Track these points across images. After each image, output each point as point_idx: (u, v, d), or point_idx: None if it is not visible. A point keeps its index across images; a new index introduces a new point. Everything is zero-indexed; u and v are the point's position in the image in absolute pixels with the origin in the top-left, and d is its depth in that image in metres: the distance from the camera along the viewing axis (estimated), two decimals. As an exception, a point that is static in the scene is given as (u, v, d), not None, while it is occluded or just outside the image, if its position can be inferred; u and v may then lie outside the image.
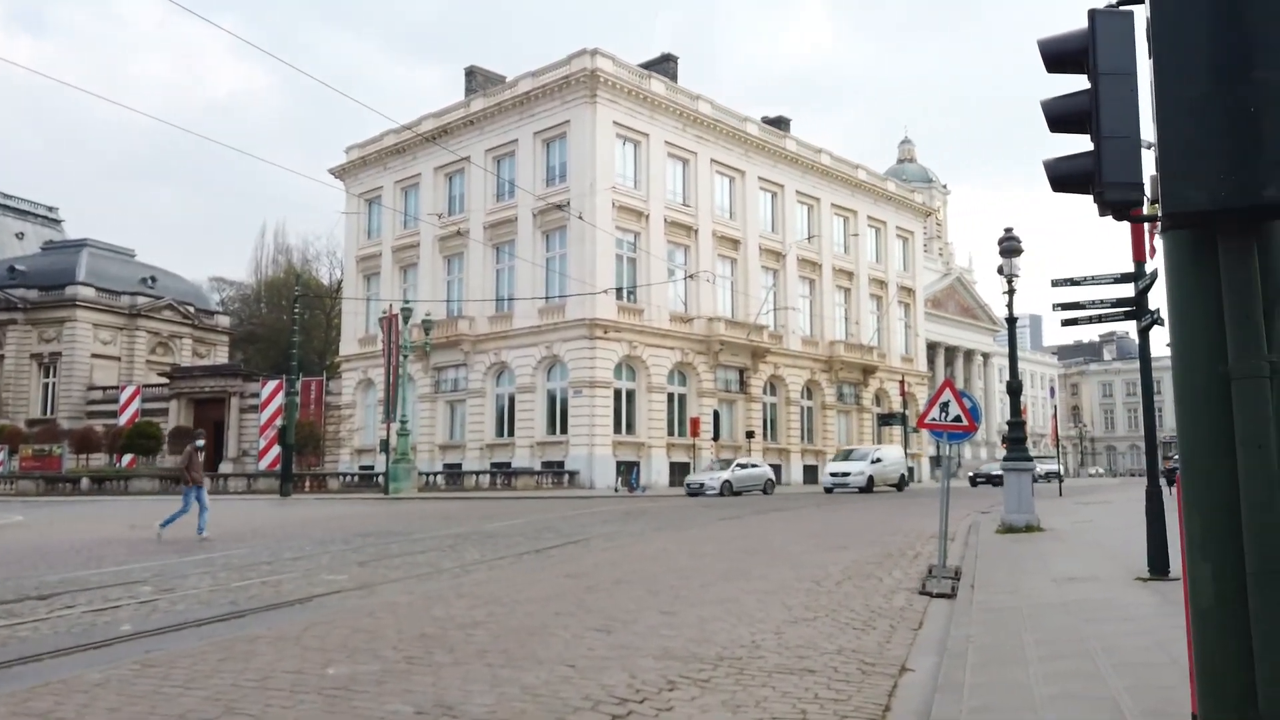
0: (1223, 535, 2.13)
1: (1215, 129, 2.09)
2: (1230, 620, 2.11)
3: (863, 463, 35.39)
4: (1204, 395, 2.17)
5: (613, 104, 38.35)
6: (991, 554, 11.49)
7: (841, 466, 35.53)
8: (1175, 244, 2.30)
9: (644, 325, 38.90)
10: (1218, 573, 2.17)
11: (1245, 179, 2.04)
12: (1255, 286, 2.09)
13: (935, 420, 9.12)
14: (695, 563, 10.91)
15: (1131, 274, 8.73)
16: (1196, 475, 2.25)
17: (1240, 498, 2.07)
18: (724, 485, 31.34)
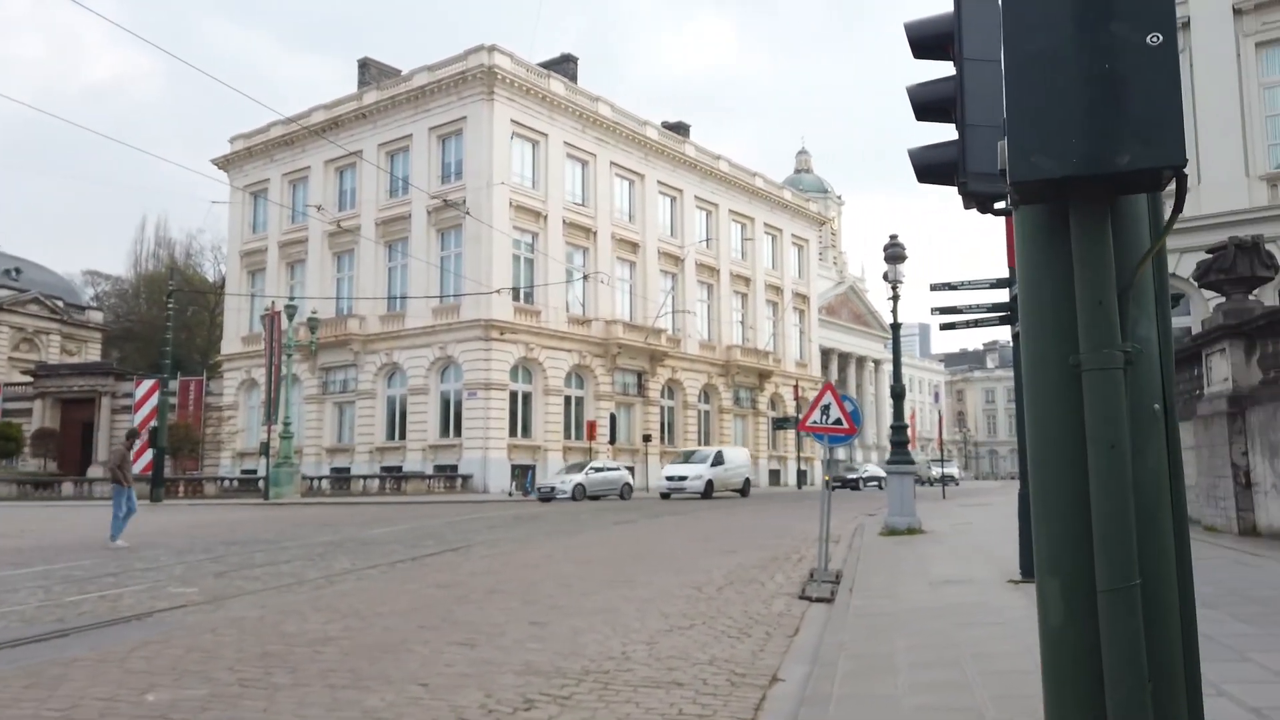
0: (1075, 547, 1.93)
1: (1066, 88, 1.87)
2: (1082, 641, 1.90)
3: (701, 465, 32.54)
4: (1055, 389, 1.95)
5: (511, 102, 37.74)
6: (873, 557, 11.53)
7: (678, 470, 32.86)
8: (1025, 221, 2.10)
9: (541, 327, 38.38)
10: (1068, 589, 1.95)
11: (1100, 145, 1.83)
12: (1108, 267, 1.87)
13: (817, 423, 9.05)
14: (578, 570, 10.59)
15: (1006, 279, 8.83)
16: (1046, 479, 2.04)
17: (1091, 505, 1.87)
18: (576, 489, 29.89)
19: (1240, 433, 11.33)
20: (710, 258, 49.14)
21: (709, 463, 32.70)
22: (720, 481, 32.88)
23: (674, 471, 32.66)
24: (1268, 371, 11.12)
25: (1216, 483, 11.80)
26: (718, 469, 32.86)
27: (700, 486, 31.19)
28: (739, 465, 35.10)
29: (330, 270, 42.77)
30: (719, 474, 32.82)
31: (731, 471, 34.09)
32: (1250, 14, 20.70)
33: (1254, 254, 11.67)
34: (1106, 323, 1.85)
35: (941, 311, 9.07)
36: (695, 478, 31.47)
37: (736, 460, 35.21)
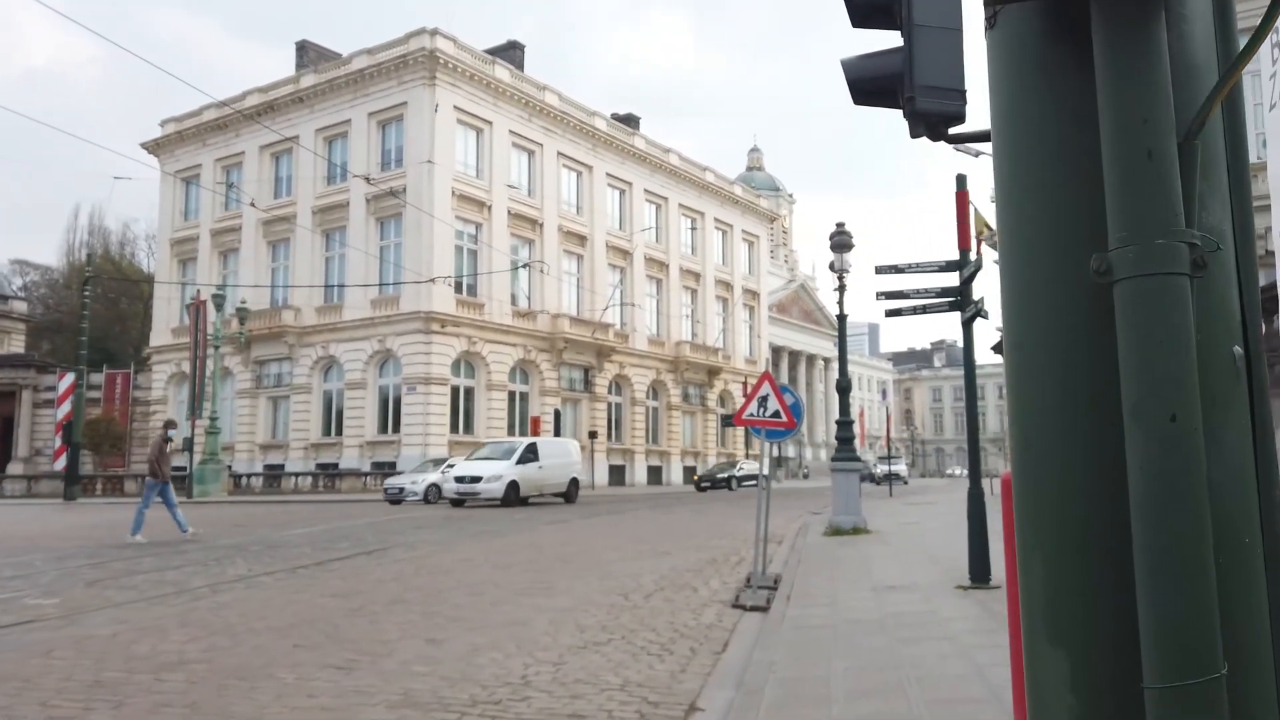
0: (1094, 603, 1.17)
1: None
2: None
3: (502, 463, 24.36)
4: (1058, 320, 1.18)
5: (453, 88, 36.59)
6: (815, 559, 10.88)
7: (472, 468, 24.50)
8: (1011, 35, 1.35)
9: (484, 320, 37.32)
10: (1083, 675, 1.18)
11: None
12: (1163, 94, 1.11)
13: (753, 415, 8.33)
14: (496, 575, 9.75)
15: (956, 262, 8.20)
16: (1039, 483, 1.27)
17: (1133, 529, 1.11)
18: (430, 490, 25.78)
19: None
20: (660, 252, 48.46)
21: (514, 458, 24.61)
22: (531, 483, 24.94)
23: (466, 470, 24.34)
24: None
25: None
26: (527, 467, 24.85)
27: (498, 490, 23.33)
28: (562, 461, 26.82)
29: (265, 260, 41.20)
30: (529, 473, 24.82)
31: (551, 470, 25.86)
32: None
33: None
34: (1160, 191, 1.07)
35: (887, 297, 8.42)
36: (492, 479, 23.50)
37: (558, 455, 26.93)
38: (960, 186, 8.15)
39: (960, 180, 8.19)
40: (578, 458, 28.28)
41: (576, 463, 27.84)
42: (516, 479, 24.04)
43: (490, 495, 23.35)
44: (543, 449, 26.24)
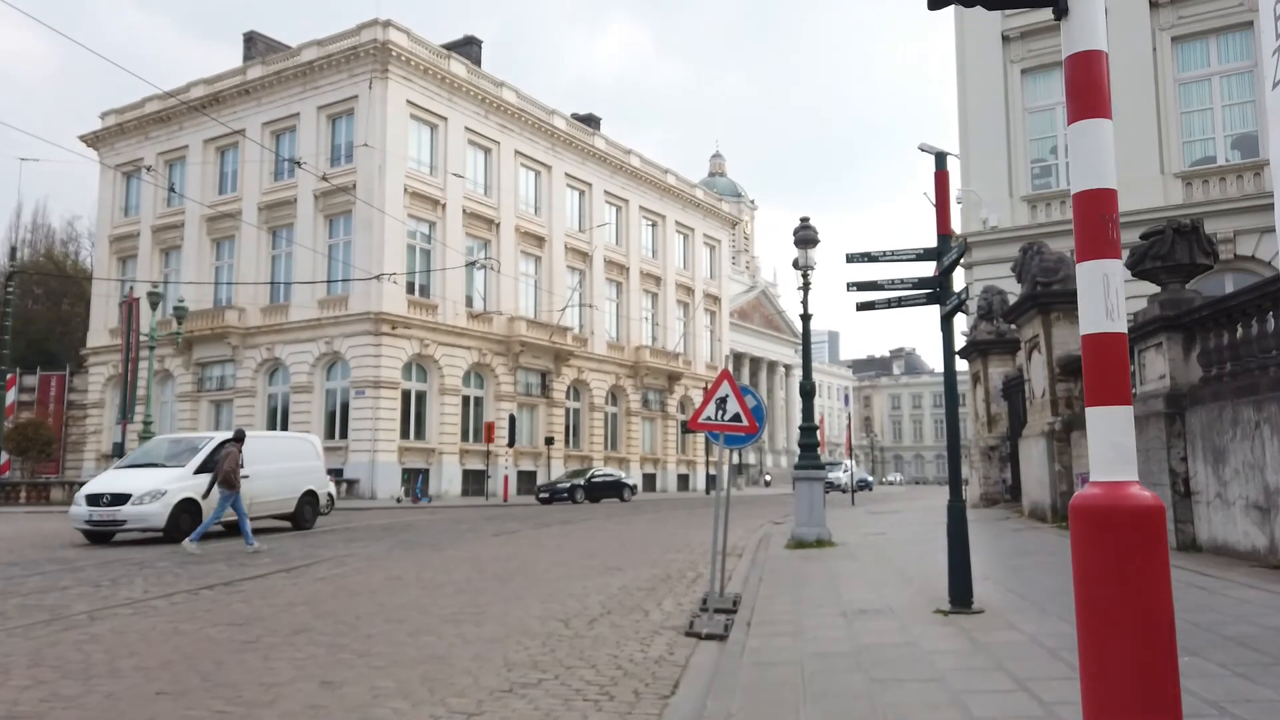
0: None
1: None
2: None
3: (171, 473, 15.52)
4: None
5: (407, 82, 35.42)
6: (777, 576, 10.01)
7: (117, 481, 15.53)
8: None
9: (437, 322, 36.13)
10: None
11: None
12: None
13: (710, 419, 7.43)
14: (423, 598, 8.73)
15: (934, 249, 7.38)
16: None
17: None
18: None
19: (1179, 436, 10.22)
20: (620, 255, 47.58)
21: (193, 464, 15.65)
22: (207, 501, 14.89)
23: (108, 485, 15.44)
24: (1209, 368, 10.02)
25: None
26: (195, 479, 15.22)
27: (158, 515, 14.79)
28: (288, 468, 17.86)
29: (208, 258, 39.64)
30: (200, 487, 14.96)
31: (268, 480, 16.79)
32: (1166, 7, 20.25)
33: (1193, 239, 10.59)
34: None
35: (859, 288, 7.58)
36: (148, 497, 14.82)
37: (280, 457, 17.96)
38: (940, 166, 7.34)
39: (939, 159, 7.38)
40: (318, 461, 19.13)
41: (315, 469, 18.80)
42: (194, 496, 15.00)
43: (145, 523, 14.79)
44: (256, 449, 16.35)
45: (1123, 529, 2.37)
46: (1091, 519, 2.54)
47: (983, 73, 22.41)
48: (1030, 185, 21.88)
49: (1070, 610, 7.00)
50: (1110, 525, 2.41)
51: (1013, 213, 21.70)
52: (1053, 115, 21.85)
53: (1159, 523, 2.51)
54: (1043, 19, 21.69)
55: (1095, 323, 2.68)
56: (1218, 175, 19.44)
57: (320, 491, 18.87)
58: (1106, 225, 2.74)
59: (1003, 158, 21.97)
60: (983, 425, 20.80)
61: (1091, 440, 2.73)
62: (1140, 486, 2.61)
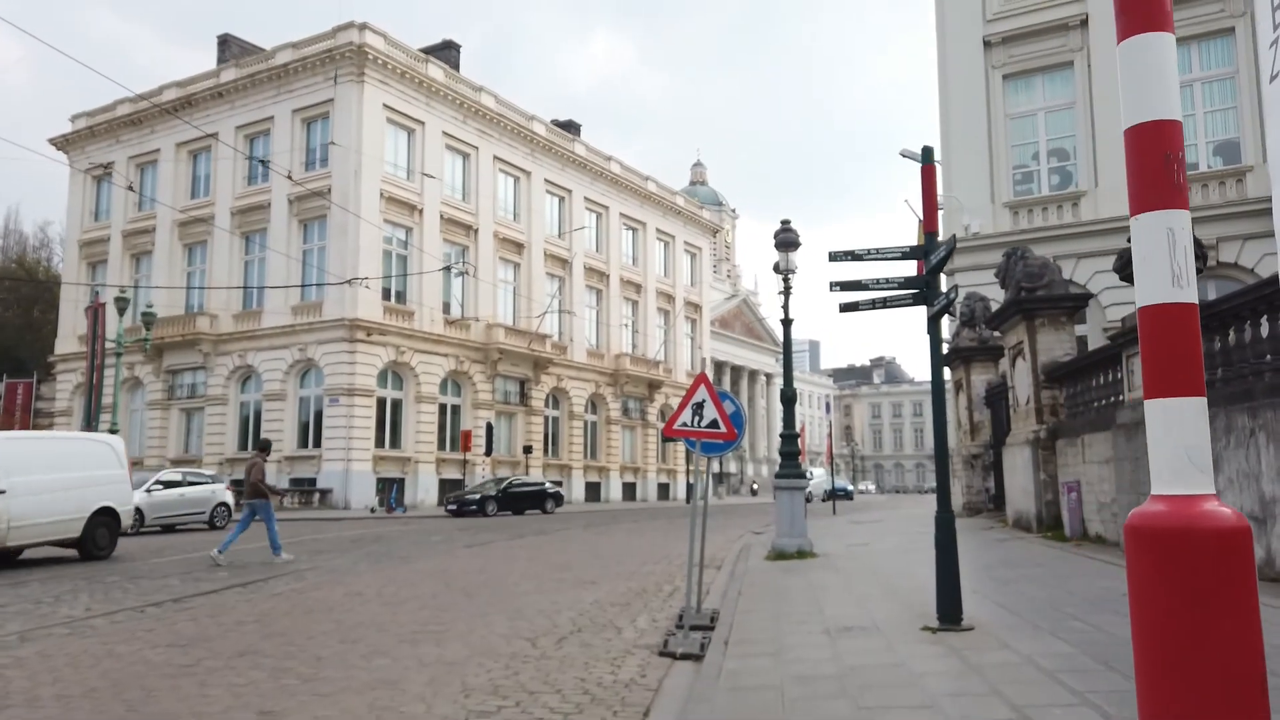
0: None
1: None
2: None
3: None
4: None
5: (384, 85, 34.92)
6: (757, 589, 9.62)
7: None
8: None
9: (414, 329, 35.55)
10: None
11: None
12: None
13: (686, 425, 7.04)
14: (383, 615, 8.27)
15: (920, 248, 7.03)
16: None
17: None
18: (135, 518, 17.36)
19: (1169, 443, 9.92)
20: (600, 262, 47.19)
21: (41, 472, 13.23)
22: None
23: None
24: (1200, 374, 9.74)
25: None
26: None
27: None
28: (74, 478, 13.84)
29: (179, 263, 38.88)
30: None
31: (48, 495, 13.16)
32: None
33: (1183, 241, 10.35)
34: None
35: (842, 288, 7.21)
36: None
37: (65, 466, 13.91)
38: (925, 160, 7.00)
39: (926, 153, 7.04)
40: (119, 470, 14.94)
41: (113, 480, 14.62)
42: None
43: None
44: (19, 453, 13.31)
45: (1199, 557, 1.88)
46: (1157, 545, 2.02)
47: (964, 78, 22.23)
48: (1012, 191, 21.69)
49: (1064, 627, 6.66)
50: (1182, 552, 1.91)
51: (995, 219, 21.49)
52: (1034, 121, 21.71)
53: (1245, 548, 2.01)
54: (1025, 25, 21.57)
55: (1157, 291, 2.17)
56: (1200, 182, 19.30)
57: (121, 509, 14.50)
58: (1169, 167, 2.20)
59: (984, 164, 21.77)
60: (965, 433, 20.53)
61: (1152, 442, 2.21)
62: (1218, 501, 2.09)
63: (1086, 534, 12.64)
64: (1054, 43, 21.30)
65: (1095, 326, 19.66)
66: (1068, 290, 15.20)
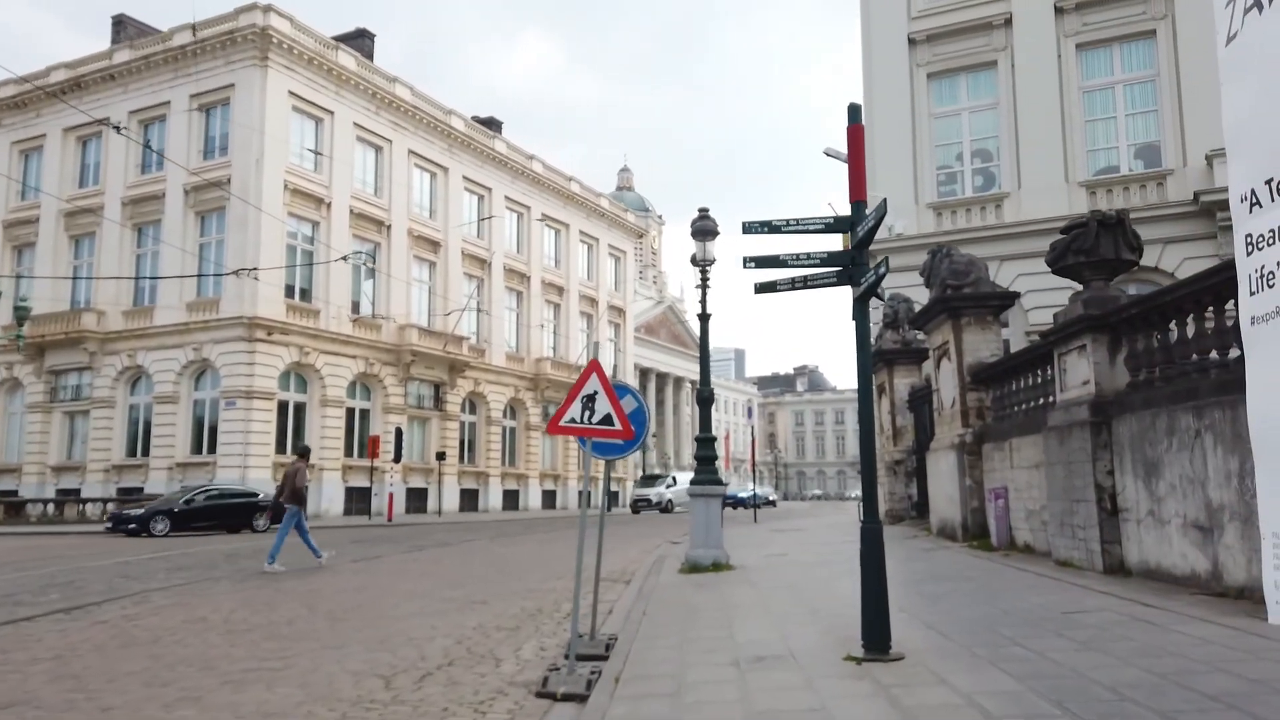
0: None
1: None
2: None
3: None
4: None
5: (289, 71, 33.10)
6: (665, 608, 8.62)
7: None
8: None
9: (319, 329, 33.72)
10: None
11: None
12: None
13: (575, 421, 5.98)
14: (219, 647, 6.99)
15: (846, 218, 6.13)
16: None
17: None
18: None
19: (1105, 447, 9.26)
20: (520, 263, 45.87)
21: None
22: None
23: None
24: (1137, 372, 9.11)
25: (1074, 508, 9.70)
26: None
27: None
28: None
29: (65, 256, 36.27)
30: None
31: None
32: (1071, 13, 19.94)
33: (1119, 232, 9.72)
34: None
35: (757, 265, 6.25)
36: None
37: None
38: (853, 119, 6.09)
39: (853, 112, 6.13)
40: None
41: None
42: None
43: None
44: None
45: None
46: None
47: (889, 76, 21.78)
48: (936, 192, 21.29)
49: (1005, 654, 5.76)
50: None
51: (919, 220, 21.05)
52: (958, 121, 21.36)
53: None
54: (949, 23, 21.20)
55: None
56: (1121, 184, 19.13)
57: None
58: None
59: (908, 164, 21.33)
60: (888, 439, 19.95)
61: None
62: None
63: (1014, 543, 12.00)
64: (978, 42, 20.98)
65: (1018, 330, 19.30)
66: (994, 289, 14.64)
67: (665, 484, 44.41)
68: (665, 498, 42.30)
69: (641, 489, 44.96)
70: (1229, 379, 7.38)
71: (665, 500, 42.08)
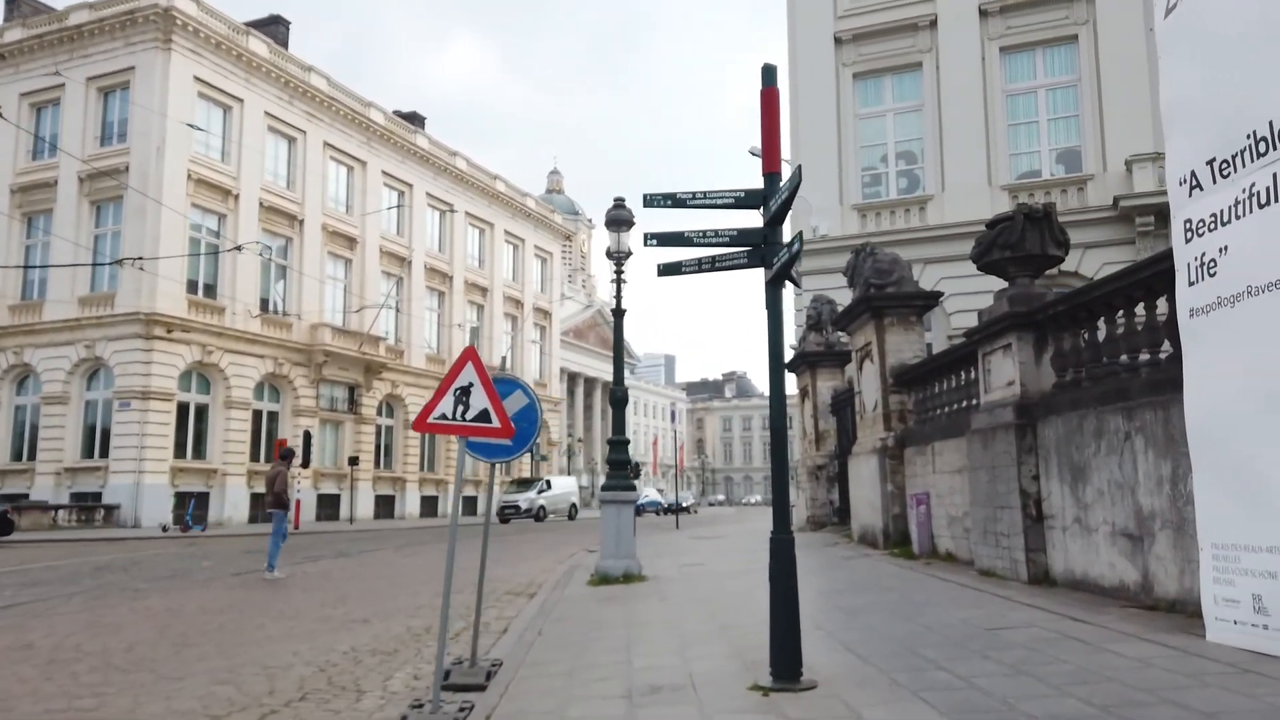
0: None
1: None
2: None
3: None
4: None
5: (195, 55, 31.40)
6: (565, 626, 7.85)
7: None
8: None
9: (224, 326, 32.03)
10: None
11: None
12: None
13: (446, 418, 5.18)
14: (28, 681, 5.98)
15: (758, 191, 5.47)
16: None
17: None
18: None
19: (1030, 451, 8.82)
20: (442, 262, 44.59)
21: None
22: None
23: None
24: (1064, 373, 8.69)
25: (997, 515, 9.24)
26: None
27: None
28: None
29: (-54, 245, 33.73)
30: None
31: None
32: (995, 16, 19.85)
33: (1045, 226, 9.32)
34: None
35: (659, 242, 5.55)
36: None
37: None
38: (767, 82, 5.43)
39: (767, 73, 5.48)
40: None
41: None
42: None
43: None
44: None
45: None
46: None
47: (815, 76, 21.43)
48: (861, 194, 21.01)
49: (928, 680, 5.03)
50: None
51: (843, 221, 20.73)
52: (884, 122, 21.12)
53: None
54: (875, 23, 20.96)
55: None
56: (1043, 189, 19.06)
57: None
58: None
59: (834, 165, 21.00)
60: (810, 443, 19.53)
61: None
62: None
63: (936, 551, 11.55)
64: (903, 43, 20.77)
65: (940, 334, 19.09)
66: (918, 289, 14.26)
67: (538, 489, 39.52)
68: (537, 504, 37.69)
69: (511, 494, 38.94)
70: (1161, 378, 6.96)
71: (537, 507, 37.55)
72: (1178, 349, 6.80)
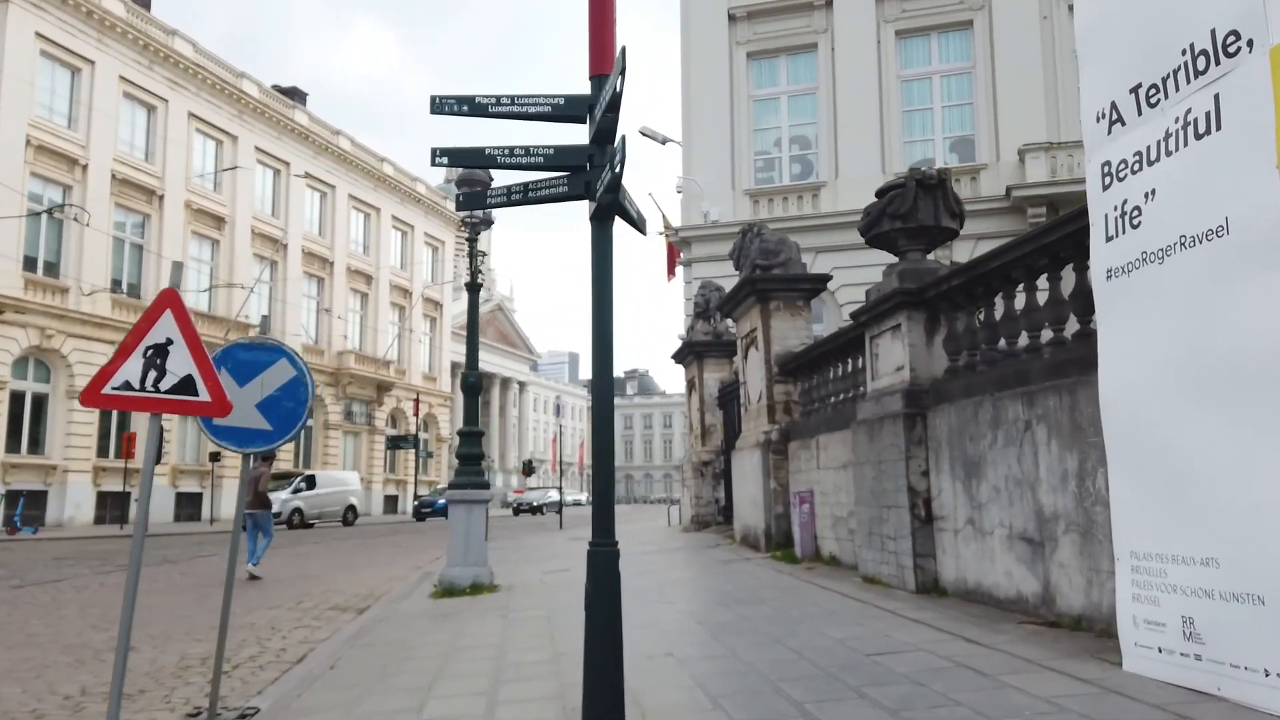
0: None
1: None
2: None
3: None
4: None
5: (38, 11, 28.40)
6: (371, 654, 6.46)
7: None
8: None
9: (67, 309, 29.12)
10: None
11: None
12: None
13: (131, 387, 3.75)
14: None
15: (579, 98, 4.20)
16: None
17: None
18: None
19: (920, 443, 7.85)
20: (322, 246, 42.07)
21: None
22: None
23: None
24: (957, 356, 7.76)
25: (884, 515, 8.26)
26: None
27: None
28: None
29: None
30: None
31: None
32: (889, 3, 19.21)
33: (939, 195, 8.38)
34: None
35: (450, 161, 4.22)
36: None
37: None
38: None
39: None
40: None
41: None
42: None
43: None
44: None
45: None
46: None
47: (708, 54, 20.44)
48: (754, 179, 20.12)
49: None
50: None
51: (735, 207, 19.79)
52: (777, 104, 20.27)
53: None
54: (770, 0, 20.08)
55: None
56: (937, 177, 18.46)
57: None
58: None
59: (725, 148, 20.05)
60: (697, 438, 18.50)
61: None
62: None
63: (819, 554, 10.57)
64: (798, 22, 19.95)
65: (831, 325, 18.32)
66: (805, 271, 13.32)
67: (294, 486, 32.19)
68: (292, 505, 30.74)
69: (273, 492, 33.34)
70: (1067, 358, 6.02)
71: (290, 510, 30.46)
72: (1087, 324, 5.88)
